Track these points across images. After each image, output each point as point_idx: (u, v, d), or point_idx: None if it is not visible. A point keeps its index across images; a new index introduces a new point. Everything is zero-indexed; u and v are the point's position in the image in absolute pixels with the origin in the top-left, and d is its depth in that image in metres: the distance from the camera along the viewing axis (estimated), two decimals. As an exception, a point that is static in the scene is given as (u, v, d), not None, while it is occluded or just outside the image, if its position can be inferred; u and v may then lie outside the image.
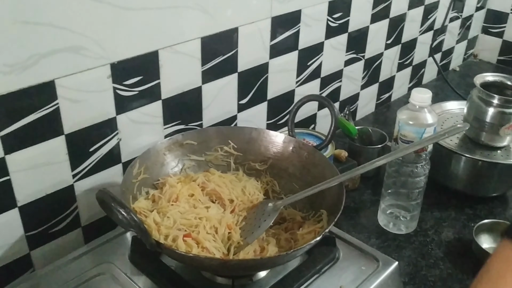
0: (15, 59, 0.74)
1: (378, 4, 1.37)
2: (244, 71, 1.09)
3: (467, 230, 1.08)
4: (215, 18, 0.98)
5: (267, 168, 0.95)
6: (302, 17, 1.16)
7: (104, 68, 0.85)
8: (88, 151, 0.89)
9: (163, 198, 0.83)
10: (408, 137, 1.02)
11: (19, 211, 0.83)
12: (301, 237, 0.79)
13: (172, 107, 0.99)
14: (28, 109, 0.79)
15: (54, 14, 0.76)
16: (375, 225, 1.09)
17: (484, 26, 1.93)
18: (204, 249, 0.74)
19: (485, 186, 1.16)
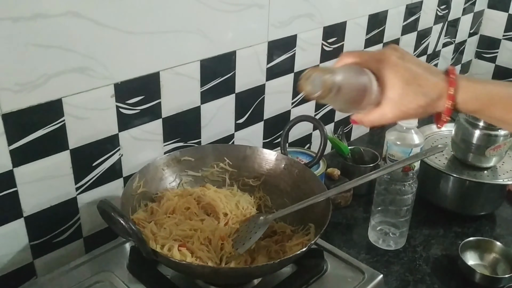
0: (26, 78, 0.80)
1: (372, 29, 1.43)
2: (242, 92, 1.15)
3: (455, 247, 1.12)
4: (214, 42, 1.04)
5: (260, 184, 1.00)
6: (298, 42, 1.22)
7: (108, 88, 0.91)
8: (91, 166, 0.94)
9: (160, 210, 0.88)
10: (396, 156, 1.06)
11: (24, 221, 0.88)
12: (289, 249, 0.83)
13: (172, 125, 1.04)
14: (36, 125, 0.84)
15: (63, 38, 0.81)
16: (366, 241, 1.13)
17: (478, 51, 1.99)
18: (197, 259, 0.78)
19: (473, 205, 1.20)
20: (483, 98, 0.60)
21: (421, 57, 1.71)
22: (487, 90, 0.60)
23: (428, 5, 1.60)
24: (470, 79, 0.62)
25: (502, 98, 0.60)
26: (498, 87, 0.61)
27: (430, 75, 0.60)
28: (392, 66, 0.61)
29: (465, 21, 1.84)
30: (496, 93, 0.60)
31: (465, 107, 0.61)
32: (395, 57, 0.61)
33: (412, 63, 0.61)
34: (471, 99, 0.60)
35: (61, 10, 0.80)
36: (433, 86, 0.60)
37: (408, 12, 1.54)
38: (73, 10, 0.81)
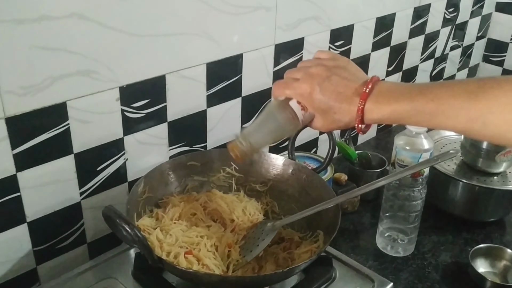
0: (30, 81, 0.78)
1: (380, 32, 1.42)
2: (248, 95, 1.13)
3: (464, 254, 1.10)
4: (221, 45, 1.02)
5: (267, 190, 0.98)
6: (305, 45, 1.21)
7: (113, 91, 0.89)
8: (96, 170, 0.93)
9: (166, 216, 0.86)
10: (405, 162, 1.05)
11: (28, 227, 0.87)
12: (298, 256, 0.82)
13: (178, 129, 1.02)
14: (40, 129, 0.83)
15: (68, 40, 0.80)
16: (374, 247, 1.12)
17: (485, 54, 1.97)
18: (204, 266, 0.76)
19: (482, 211, 1.18)
20: (389, 117, 0.65)
21: (429, 61, 1.69)
22: (392, 109, 0.64)
23: (436, 8, 1.58)
24: (380, 98, 0.65)
25: (409, 116, 0.64)
26: (404, 104, 0.63)
27: (342, 103, 0.66)
28: (310, 101, 0.68)
29: (473, 24, 1.82)
30: (403, 111, 0.63)
31: (379, 123, 0.71)
32: (315, 85, 0.67)
33: (326, 93, 0.67)
34: (379, 119, 0.66)
35: (66, 12, 0.78)
36: (345, 114, 0.67)
37: (416, 15, 1.52)
38: (78, 12, 0.80)
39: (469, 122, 0.59)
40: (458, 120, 0.60)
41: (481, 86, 0.59)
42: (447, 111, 0.60)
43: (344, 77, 0.68)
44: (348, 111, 0.66)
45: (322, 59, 0.71)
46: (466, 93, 0.59)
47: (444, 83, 0.64)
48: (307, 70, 0.69)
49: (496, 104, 0.58)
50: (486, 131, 0.59)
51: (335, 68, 0.68)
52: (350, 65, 0.71)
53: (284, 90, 0.71)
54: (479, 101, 0.58)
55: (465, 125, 0.60)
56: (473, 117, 0.59)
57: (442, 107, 0.60)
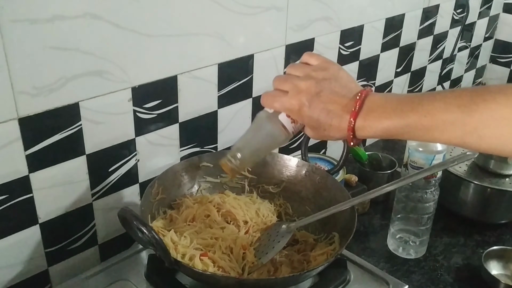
0: (43, 82, 0.78)
1: (389, 33, 1.41)
2: (259, 96, 1.12)
3: (476, 256, 1.09)
4: (232, 45, 1.02)
5: (281, 191, 0.97)
6: (315, 45, 1.20)
7: (125, 92, 0.89)
8: (108, 171, 0.92)
9: (180, 218, 0.86)
10: (418, 163, 1.04)
11: (40, 228, 0.86)
12: (314, 259, 0.81)
13: (189, 130, 1.02)
14: (53, 130, 0.82)
15: (81, 40, 0.79)
16: (385, 249, 1.11)
17: (492, 55, 1.96)
18: (220, 268, 0.76)
19: (494, 213, 1.18)
20: (382, 134, 0.63)
21: (437, 62, 1.69)
22: (384, 127, 0.62)
23: (444, 9, 1.58)
24: (370, 115, 0.63)
25: (402, 132, 0.62)
26: (396, 121, 0.61)
27: (332, 121, 0.65)
28: (299, 116, 0.67)
29: (481, 25, 1.82)
30: (395, 128, 0.62)
31: (372, 138, 0.66)
32: (304, 101, 0.65)
33: (315, 110, 0.65)
34: (372, 136, 0.65)
35: (79, 12, 0.78)
36: (335, 131, 0.65)
37: (425, 16, 1.52)
38: (91, 12, 0.79)
39: (464, 136, 0.58)
40: (453, 135, 0.59)
41: (474, 99, 0.57)
42: (441, 127, 0.59)
43: (335, 91, 0.65)
44: (339, 129, 0.65)
45: (311, 68, 0.68)
46: (459, 108, 0.58)
47: (436, 95, 0.61)
48: (296, 84, 0.66)
49: (491, 118, 0.56)
50: (482, 144, 0.58)
51: (324, 81, 0.65)
52: (341, 74, 0.68)
53: (272, 103, 0.69)
54: (473, 116, 0.57)
55: (460, 139, 0.59)
56: (468, 131, 0.57)
57: (436, 123, 0.59)
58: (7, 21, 0.71)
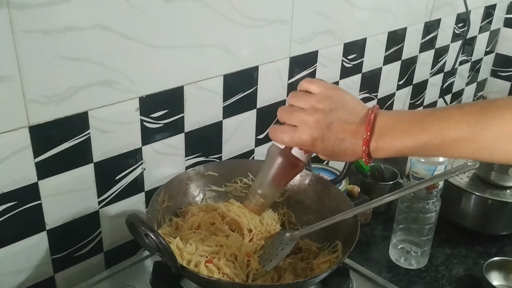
0: (54, 91, 0.80)
1: (391, 47, 1.43)
2: (263, 107, 1.15)
3: (478, 267, 1.10)
4: (238, 57, 1.04)
5: (284, 200, 0.99)
6: (319, 58, 1.22)
7: (133, 101, 0.90)
8: (114, 179, 0.94)
9: (185, 225, 0.87)
10: (420, 174, 1.05)
11: (47, 235, 0.88)
12: (317, 267, 0.82)
13: (194, 140, 1.03)
14: (62, 138, 0.84)
15: (91, 51, 0.81)
16: (387, 259, 1.12)
17: (493, 69, 1.98)
18: (224, 275, 0.77)
19: (495, 224, 1.19)
20: (395, 154, 0.64)
21: (438, 75, 1.71)
22: (397, 148, 0.63)
23: (446, 23, 1.60)
24: (382, 139, 0.64)
25: (415, 152, 0.64)
26: (407, 142, 0.63)
27: (346, 148, 0.65)
28: (313, 149, 0.68)
29: (482, 39, 1.84)
30: (407, 149, 0.63)
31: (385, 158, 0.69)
32: (316, 137, 0.65)
33: (329, 142, 0.65)
34: (385, 156, 0.65)
35: (90, 23, 0.80)
36: (351, 155, 0.66)
37: (426, 30, 1.54)
38: (101, 24, 0.81)
39: (476, 153, 0.60)
40: (465, 152, 0.60)
41: (483, 116, 0.58)
42: (452, 145, 0.60)
43: (344, 120, 0.65)
44: (353, 154, 0.66)
45: (315, 98, 0.66)
46: (469, 126, 0.59)
47: (445, 112, 0.62)
48: (304, 120, 0.66)
49: (501, 135, 0.57)
50: (494, 159, 0.60)
51: (332, 112, 0.65)
52: (346, 99, 0.67)
53: (282, 138, 0.68)
54: (483, 134, 0.58)
55: (472, 156, 0.60)
56: (479, 148, 0.59)
57: (447, 142, 0.60)
58: (20, 32, 0.73)
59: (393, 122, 0.64)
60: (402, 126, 0.63)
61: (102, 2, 0.80)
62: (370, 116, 0.64)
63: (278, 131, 0.68)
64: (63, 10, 0.76)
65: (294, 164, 0.71)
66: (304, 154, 0.70)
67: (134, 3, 0.83)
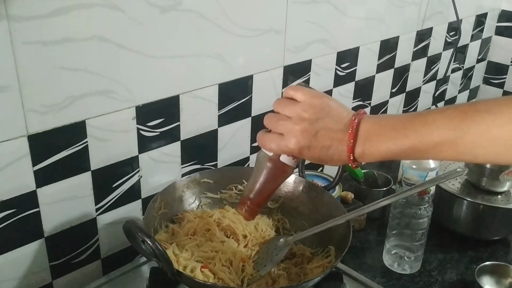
0: (52, 100, 0.81)
1: (384, 55, 1.46)
2: (257, 115, 1.16)
3: (470, 271, 1.12)
4: (232, 66, 1.06)
5: (278, 207, 1.00)
6: (312, 66, 1.24)
7: (130, 110, 0.92)
8: (111, 187, 0.95)
9: (181, 232, 0.89)
10: (412, 180, 1.07)
11: (45, 242, 0.89)
12: (310, 271, 0.84)
13: (190, 148, 1.05)
14: (60, 147, 0.85)
15: (88, 61, 0.83)
16: (380, 264, 1.13)
17: (485, 77, 2.01)
18: (220, 280, 0.79)
19: (487, 229, 1.20)
20: (381, 158, 0.65)
21: (431, 83, 1.73)
22: (381, 153, 0.64)
23: (437, 32, 1.63)
24: (366, 145, 0.65)
25: (399, 156, 0.65)
26: (392, 147, 0.64)
27: (333, 155, 0.67)
28: (300, 155, 0.68)
29: (473, 47, 1.87)
30: (392, 153, 0.64)
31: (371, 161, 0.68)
32: (302, 145, 0.66)
33: (315, 150, 0.67)
34: (371, 160, 0.66)
35: (88, 34, 0.82)
36: (337, 160, 0.67)
37: (419, 39, 1.56)
38: (99, 34, 0.83)
39: (459, 155, 0.61)
40: (448, 155, 0.62)
41: (464, 120, 0.59)
42: (436, 148, 0.61)
43: (329, 128, 0.66)
44: (340, 160, 0.67)
45: (300, 107, 0.67)
46: (450, 130, 0.60)
47: (427, 117, 0.63)
48: (290, 129, 0.66)
49: (482, 138, 0.59)
50: (477, 160, 0.63)
51: (317, 121, 0.66)
52: (331, 106, 0.67)
53: (270, 146, 0.69)
54: (465, 137, 0.59)
55: (455, 158, 0.62)
56: (461, 151, 0.60)
57: (430, 146, 0.61)
58: (20, 43, 0.75)
59: (377, 128, 0.65)
60: (386, 131, 0.64)
61: (100, 13, 0.82)
62: (353, 123, 0.65)
63: (265, 138, 0.69)
64: (62, 21, 0.78)
65: (282, 169, 0.72)
66: (293, 160, 0.72)
67: (130, 14, 0.85)
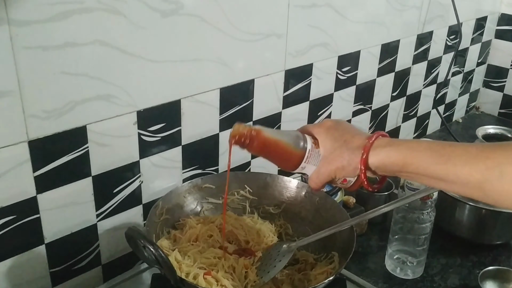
0: (53, 105, 0.81)
1: (384, 59, 1.45)
2: (259, 119, 1.16)
3: (473, 276, 1.11)
4: (234, 70, 1.05)
5: (281, 212, 1.00)
6: (314, 70, 1.24)
7: (131, 115, 0.91)
8: (112, 192, 0.94)
9: (183, 238, 0.88)
10: (414, 185, 1.06)
11: (45, 248, 0.88)
12: (314, 278, 0.83)
13: (191, 152, 1.04)
14: (61, 152, 0.84)
15: (90, 66, 0.83)
16: (383, 270, 1.13)
17: (485, 80, 2.01)
18: (223, 287, 0.78)
19: (489, 234, 1.20)
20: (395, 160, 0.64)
21: (431, 86, 1.73)
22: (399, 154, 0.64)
23: (438, 35, 1.63)
24: (385, 144, 0.66)
25: (415, 157, 0.63)
26: (410, 148, 0.64)
27: (355, 135, 0.69)
28: (326, 130, 0.71)
29: (473, 51, 1.87)
30: (409, 154, 0.63)
31: (380, 169, 0.67)
32: (330, 122, 0.72)
33: (343, 127, 0.71)
34: (382, 164, 0.65)
35: (89, 39, 0.81)
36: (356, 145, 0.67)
37: (419, 42, 1.56)
38: (100, 39, 0.82)
39: (486, 171, 0.57)
40: (476, 168, 0.57)
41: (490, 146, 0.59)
42: (464, 156, 0.58)
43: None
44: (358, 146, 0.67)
45: None
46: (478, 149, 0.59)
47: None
48: None
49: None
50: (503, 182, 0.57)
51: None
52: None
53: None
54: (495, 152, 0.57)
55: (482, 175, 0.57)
56: (490, 166, 0.57)
57: (457, 152, 0.59)
58: (21, 48, 0.74)
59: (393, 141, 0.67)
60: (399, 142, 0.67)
61: (101, 18, 0.81)
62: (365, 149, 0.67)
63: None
64: (63, 26, 0.77)
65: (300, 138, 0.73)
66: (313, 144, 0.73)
67: (132, 18, 0.85)
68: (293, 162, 0.73)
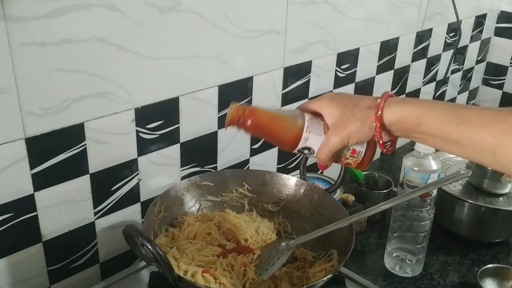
0: (50, 103, 0.80)
1: (384, 56, 1.45)
2: (258, 117, 1.15)
3: (472, 274, 1.11)
4: (232, 67, 1.05)
5: (280, 210, 0.99)
6: (313, 68, 1.23)
7: (129, 113, 0.91)
8: (110, 190, 0.94)
9: (181, 236, 0.88)
10: (414, 182, 1.06)
11: (43, 246, 0.88)
12: (313, 275, 0.83)
13: (189, 150, 1.04)
14: (58, 149, 0.84)
15: (87, 63, 0.82)
16: (382, 267, 1.12)
17: (485, 78, 2.01)
18: (221, 285, 0.77)
19: (488, 231, 1.20)
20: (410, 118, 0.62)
21: (431, 84, 1.73)
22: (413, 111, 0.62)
23: (437, 33, 1.62)
24: (398, 101, 0.64)
25: (430, 117, 0.61)
26: (425, 107, 0.62)
27: (363, 98, 0.66)
28: (329, 99, 0.68)
29: (473, 48, 1.86)
30: (424, 112, 0.61)
31: (394, 127, 0.64)
32: (329, 94, 0.70)
33: (346, 94, 0.69)
34: (397, 121, 0.63)
35: (86, 36, 0.81)
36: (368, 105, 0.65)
37: (418, 40, 1.56)
38: (97, 36, 0.82)
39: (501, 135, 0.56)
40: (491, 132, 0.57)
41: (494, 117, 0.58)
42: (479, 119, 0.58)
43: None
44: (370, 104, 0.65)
45: None
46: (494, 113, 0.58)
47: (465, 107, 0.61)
48: None
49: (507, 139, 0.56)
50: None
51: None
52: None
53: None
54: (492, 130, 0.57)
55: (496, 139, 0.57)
56: (505, 131, 0.56)
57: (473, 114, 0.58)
58: (17, 44, 0.74)
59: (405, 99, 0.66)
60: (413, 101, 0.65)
61: (98, 14, 0.81)
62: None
63: None
64: (60, 22, 0.77)
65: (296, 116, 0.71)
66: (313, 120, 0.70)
67: (130, 15, 0.84)
68: (293, 134, 0.69)
